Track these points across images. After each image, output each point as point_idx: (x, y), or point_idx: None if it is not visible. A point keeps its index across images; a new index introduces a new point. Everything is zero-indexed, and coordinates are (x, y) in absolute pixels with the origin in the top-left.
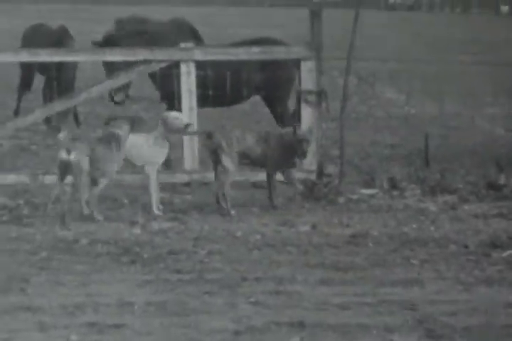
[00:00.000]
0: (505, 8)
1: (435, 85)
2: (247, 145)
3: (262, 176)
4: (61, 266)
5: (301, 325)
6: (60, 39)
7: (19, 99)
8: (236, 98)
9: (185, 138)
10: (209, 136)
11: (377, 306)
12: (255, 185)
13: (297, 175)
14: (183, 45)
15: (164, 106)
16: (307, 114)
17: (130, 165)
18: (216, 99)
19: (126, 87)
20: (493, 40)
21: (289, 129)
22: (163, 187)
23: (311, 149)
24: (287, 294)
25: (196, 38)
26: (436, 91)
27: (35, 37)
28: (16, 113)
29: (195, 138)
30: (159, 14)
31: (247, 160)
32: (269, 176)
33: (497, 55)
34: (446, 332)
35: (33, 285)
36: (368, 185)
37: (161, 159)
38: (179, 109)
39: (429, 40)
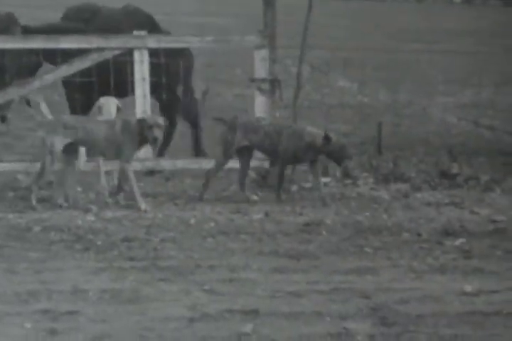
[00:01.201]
0: None
1: (388, 74)
2: (260, 137)
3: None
4: (14, 253)
5: (254, 312)
6: (6, 26)
7: None
8: (123, 90)
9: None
10: (231, 126)
11: (331, 294)
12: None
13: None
14: (136, 32)
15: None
16: (260, 102)
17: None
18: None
19: (6, 106)
20: (446, 29)
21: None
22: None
23: None
24: (241, 282)
25: (152, 24)
26: (389, 80)
27: None
28: None
29: None
30: (115, 1)
31: (260, 150)
32: (280, 169)
33: (450, 44)
34: (399, 319)
35: None
36: (321, 173)
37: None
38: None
39: (383, 28)
